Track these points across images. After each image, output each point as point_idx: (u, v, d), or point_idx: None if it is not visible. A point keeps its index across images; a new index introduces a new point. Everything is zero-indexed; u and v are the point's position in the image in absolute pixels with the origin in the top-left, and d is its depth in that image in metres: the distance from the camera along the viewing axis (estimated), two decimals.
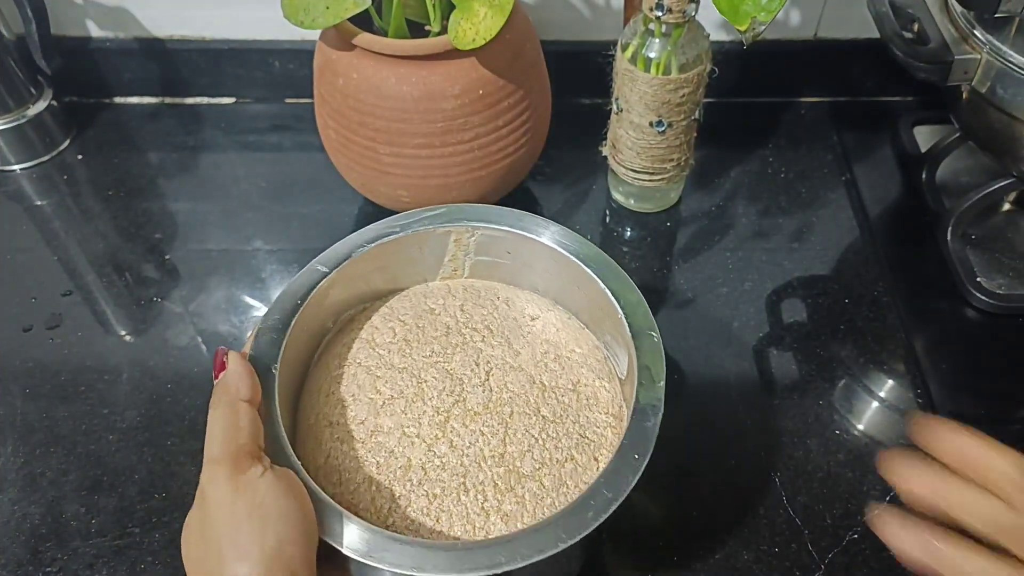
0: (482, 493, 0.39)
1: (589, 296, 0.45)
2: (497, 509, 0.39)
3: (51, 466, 0.52)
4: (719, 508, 0.50)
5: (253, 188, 0.70)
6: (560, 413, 0.43)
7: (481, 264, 0.49)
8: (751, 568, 0.48)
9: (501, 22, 0.51)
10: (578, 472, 0.41)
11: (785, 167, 0.70)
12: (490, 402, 0.42)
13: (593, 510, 0.35)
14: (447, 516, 0.39)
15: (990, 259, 0.62)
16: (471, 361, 0.44)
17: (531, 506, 0.39)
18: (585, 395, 0.44)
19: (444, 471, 0.40)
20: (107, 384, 0.56)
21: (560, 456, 0.41)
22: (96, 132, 0.75)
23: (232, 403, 0.35)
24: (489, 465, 0.40)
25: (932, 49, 0.56)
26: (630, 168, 0.62)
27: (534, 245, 0.46)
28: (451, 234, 0.46)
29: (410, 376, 0.43)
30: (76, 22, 0.73)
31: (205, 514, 0.32)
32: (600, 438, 0.42)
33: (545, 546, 0.34)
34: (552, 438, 0.41)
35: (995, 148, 0.60)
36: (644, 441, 0.37)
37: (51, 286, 0.63)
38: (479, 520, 0.39)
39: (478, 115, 0.56)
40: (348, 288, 0.46)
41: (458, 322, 0.46)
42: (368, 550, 0.34)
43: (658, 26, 0.55)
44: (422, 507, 0.39)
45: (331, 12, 0.52)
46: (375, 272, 0.46)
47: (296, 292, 0.42)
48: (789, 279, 0.62)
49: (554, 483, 0.40)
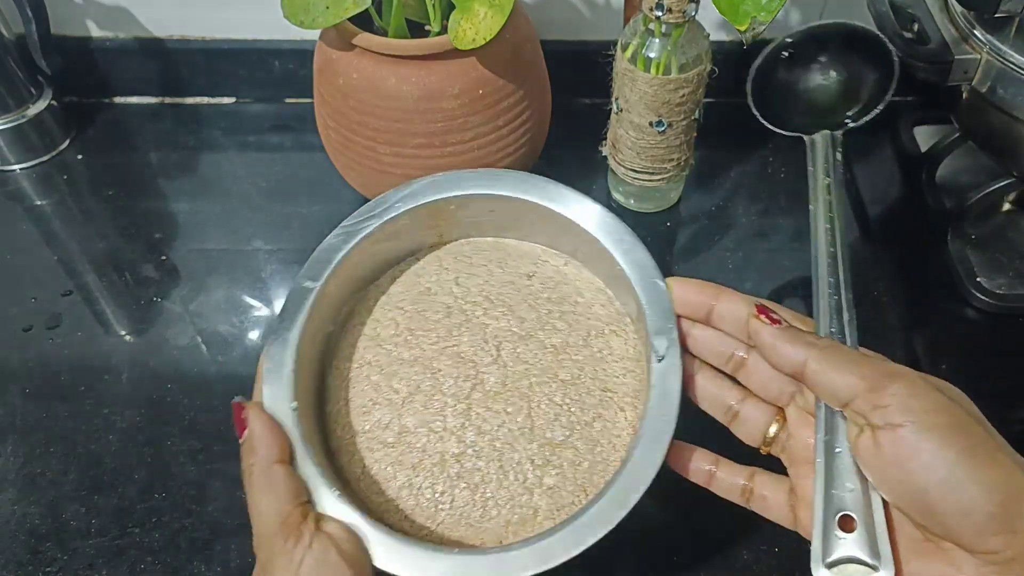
0: (522, 473, 0.40)
1: (583, 243, 0.44)
2: (539, 484, 0.39)
3: (51, 466, 0.52)
4: (719, 508, 0.50)
5: (253, 188, 0.69)
6: (577, 373, 0.43)
7: (465, 224, 0.48)
8: (751, 568, 0.48)
9: (501, 22, 0.51)
10: (608, 428, 0.41)
11: (785, 167, 0.70)
12: (507, 379, 0.42)
13: (632, 492, 0.36)
14: (494, 502, 0.39)
15: (990, 259, 0.61)
16: (479, 340, 0.44)
17: (571, 473, 0.39)
18: (597, 347, 0.44)
19: (479, 459, 0.40)
20: (107, 384, 0.56)
21: (587, 417, 0.41)
22: (96, 132, 0.75)
23: (266, 470, 0.35)
24: (522, 443, 0.40)
25: (932, 49, 0.56)
26: (630, 168, 0.62)
27: (516, 203, 0.45)
28: (426, 208, 0.45)
29: (423, 368, 0.43)
30: (76, 22, 0.73)
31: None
32: (622, 387, 0.42)
33: (580, 541, 0.35)
34: (576, 400, 0.42)
35: (995, 148, 0.60)
36: (669, 406, 0.37)
37: (51, 286, 0.63)
38: (525, 499, 0.39)
39: (478, 115, 0.56)
40: (339, 290, 0.45)
41: (456, 299, 0.46)
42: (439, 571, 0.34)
43: (658, 26, 0.55)
44: (467, 499, 0.39)
45: (331, 12, 0.52)
46: (360, 266, 0.46)
47: (293, 315, 0.41)
48: (789, 279, 0.62)
49: (588, 445, 0.40)
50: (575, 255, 0.47)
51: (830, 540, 0.31)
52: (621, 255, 0.42)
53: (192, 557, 0.48)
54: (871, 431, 0.31)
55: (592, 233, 0.43)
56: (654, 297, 0.40)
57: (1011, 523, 0.28)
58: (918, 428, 0.29)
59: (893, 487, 0.31)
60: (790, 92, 0.54)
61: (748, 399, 0.38)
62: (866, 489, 0.32)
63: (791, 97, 0.54)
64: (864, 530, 0.31)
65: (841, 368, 0.32)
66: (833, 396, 0.33)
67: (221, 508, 0.50)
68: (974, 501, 0.28)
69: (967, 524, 0.28)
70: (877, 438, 0.30)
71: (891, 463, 0.30)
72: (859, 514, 0.31)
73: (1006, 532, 0.28)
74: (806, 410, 0.36)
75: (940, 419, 0.30)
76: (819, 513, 0.32)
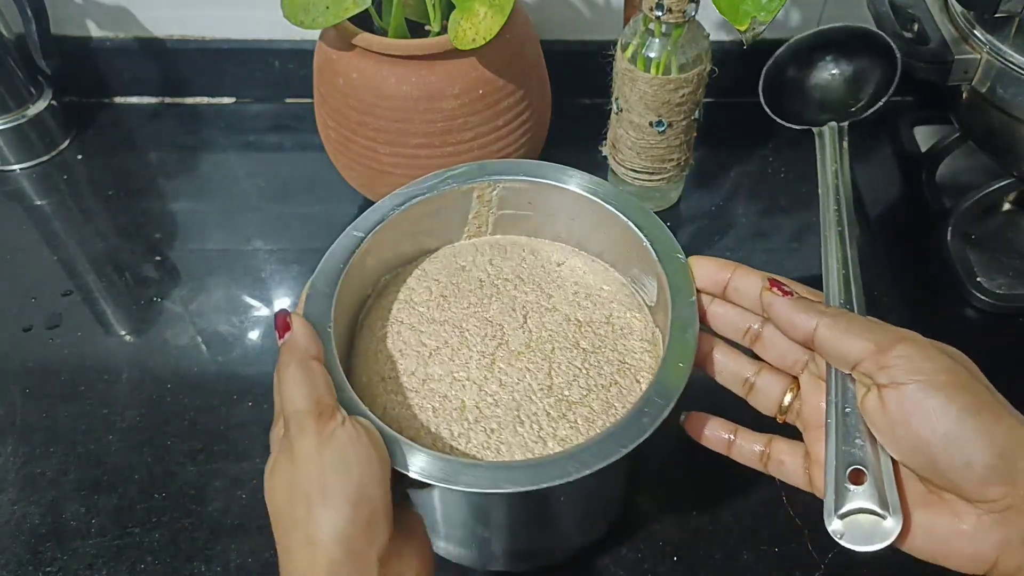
0: (536, 423, 0.41)
1: (613, 234, 0.46)
2: (553, 435, 0.41)
3: (51, 466, 0.52)
4: (719, 508, 0.50)
5: (253, 188, 0.70)
6: (598, 344, 0.44)
7: (504, 219, 0.50)
8: (751, 568, 0.48)
9: (501, 22, 0.51)
10: (623, 395, 0.42)
11: (785, 167, 0.70)
12: (531, 341, 0.44)
13: (648, 416, 0.37)
14: (507, 447, 0.40)
15: (990, 259, 0.61)
16: (507, 308, 0.46)
17: (584, 428, 0.41)
18: (619, 326, 0.46)
19: (498, 407, 0.42)
20: (107, 384, 0.56)
21: (604, 382, 0.43)
22: (96, 132, 0.75)
23: (304, 361, 0.36)
24: (539, 397, 0.42)
25: (932, 49, 0.56)
26: (630, 168, 0.62)
27: (555, 192, 0.47)
28: (474, 191, 0.47)
29: (452, 327, 0.45)
30: (76, 22, 0.73)
31: (293, 464, 0.34)
32: (639, 362, 0.44)
33: (609, 453, 0.35)
34: (594, 366, 0.43)
35: (995, 148, 0.60)
36: (686, 351, 0.39)
37: (51, 286, 0.63)
38: (537, 447, 0.40)
39: (478, 115, 0.56)
40: (382, 253, 0.47)
41: (489, 275, 0.48)
42: (444, 475, 0.35)
43: (658, 26, 0.55)
44: (481, 441, 0.41)
45: (331, 12, 0.52)
46: (405, 237, 0.48)
47: (339, 257, 0.44)
48: (790, 278, 0.62)
49: (603, 406, 0.42)
50: (602, 256, 0.49)
51: (842, 492, 0.33)
52: (651, 243, 0.44)
53: (192, 557, 0.48)
54: (877, 390, 0.32)
55: (633, 229, 0.45)
56: (676, 270, 0.42)
57: (1010, 474, 0.29)
58: (923, 386, 0.31)
59: (899, 443, 0.32)
60: (799, 88, 0.56)
61: (763, 371, 0.40)
62: (875, 445, 0.33)
63: (800, 93, 0.56)
64: (873, 482, 0.32)
65: (849, 333, 0.34)
66: (842, 359, 0.34)
67: (221, 508, 0.50)
68: (975, 454, 0.30)
69: (968, 475, 0.30)
70: (883, 396, 0.32)
71: (896, 420, 0.31)
72: (868, 468, 0.33)
73: (1005, 483, 0.29)
74: (818, 376, 0.38)
75: (944, 378, 0.31)
76: (831, 469, 0.33)
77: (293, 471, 0.34)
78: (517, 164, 0.48)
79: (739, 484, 0.51)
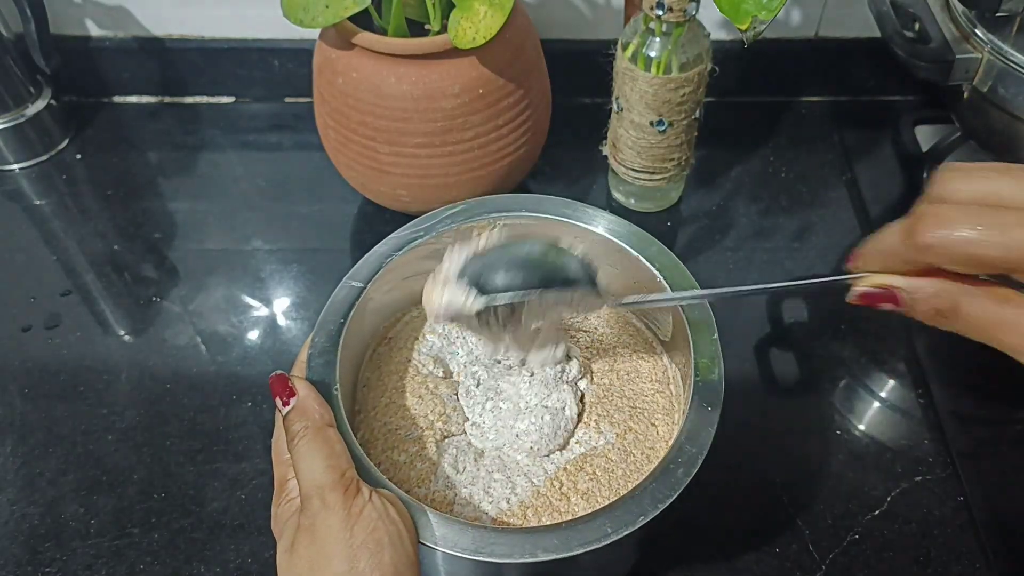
0: (557, 480, 0.40)
1: (621, 268, 0.45)
2: (575, 490, 0.40)
3: (50, 466, 0.52)
4: (720, 508, 0.50)
5: (253, 188, 0.69)
6: (601, 395, 0.44)
7: None
8: (751, 568, 0.48)
9: (501, 21, 0.51)
10: (640, 440, 0.42)
11: (786, 167, 0.70)
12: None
13: (683, 467, 0.35)
14: (533, 511, 0.39)
15: None
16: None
17: (605, 479, 0.40)
18: (624, 370, 0.45)
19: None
20: (106, 384, 0.56)
21: (618, 429, 0.42)
22: (95, 131, 0.74)
23: (320, 431, 0.34)
24: (555, 455, 0.41)
25: (933, 48, 0.56)
26: (630, 168, 0.62)
27: (558, 227, 0.46)
28: (473, 229, 0.46)
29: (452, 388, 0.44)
30: (75, 21, 0.73)
31: (316, 545, 0.32)
32: (651, 405, 0.43)
33: (645, 510, 0.34)
34: (604, 416, 0.43)
35: (996, 147, 0.60)
36: (714, 394, 0.38)
37: (50, 286, 0.62)
38: (562, 505, 0.39)
39: (478, 115, 0.56)
40: (382, 300, 0.46)
41: None
42: (476, 547, 0.34)
43: (658, 25, 0.54)
44: (504, 509, 0.40)
45: (331, 11, 0.51)
46: (404, 282, 0.46)
47: (338, 311, 0.42)
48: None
49: (620, 455, 0.41)
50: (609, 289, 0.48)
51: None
52: (665, 279, 0.42)
53: (191, 557, 0.48)
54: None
55: (644, 264, 0.43)
56: (695, 305, 0.41)
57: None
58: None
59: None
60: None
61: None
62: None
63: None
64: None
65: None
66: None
67: (220, 508, 0.50)
68: None
69: None
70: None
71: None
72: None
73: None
74: None
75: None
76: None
77: (317, 552, 0.31)
78: (516, 199, 0.46)
79: (740, 484, 0.51)
